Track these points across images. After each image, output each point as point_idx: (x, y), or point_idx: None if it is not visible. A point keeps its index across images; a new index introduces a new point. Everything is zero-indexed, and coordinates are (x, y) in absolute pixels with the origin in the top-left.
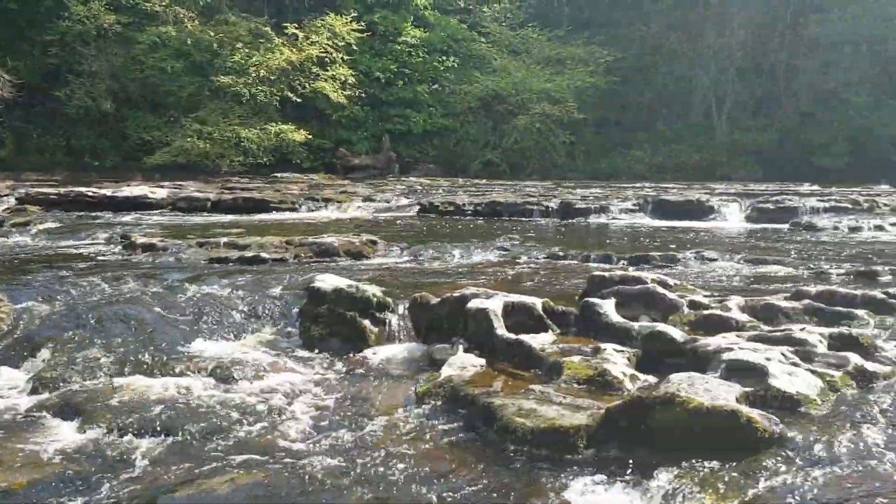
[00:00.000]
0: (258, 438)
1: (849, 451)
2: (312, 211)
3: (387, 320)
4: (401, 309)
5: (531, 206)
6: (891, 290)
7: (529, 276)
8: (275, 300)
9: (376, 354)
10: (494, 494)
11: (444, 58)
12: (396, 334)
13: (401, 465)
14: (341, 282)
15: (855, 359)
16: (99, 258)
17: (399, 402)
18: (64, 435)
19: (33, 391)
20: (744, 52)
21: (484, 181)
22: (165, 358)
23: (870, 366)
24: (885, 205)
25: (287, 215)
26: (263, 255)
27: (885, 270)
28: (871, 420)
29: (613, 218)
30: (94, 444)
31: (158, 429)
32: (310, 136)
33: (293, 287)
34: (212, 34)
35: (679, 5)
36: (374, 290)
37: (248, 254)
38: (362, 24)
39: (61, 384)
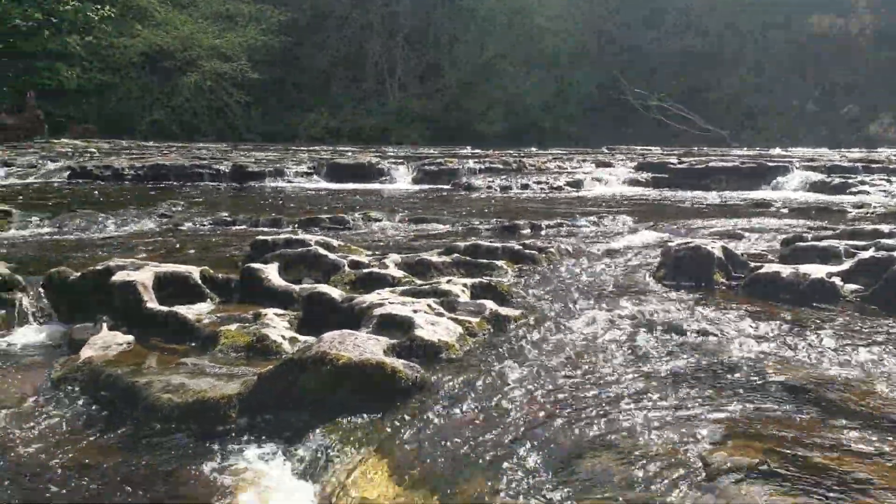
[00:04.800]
0: None
1: (481, 389)
2: None
3: (16, 301)
4: (35, 287)
5: (201, 170)
6: (527, 242)
7: (192, 244)
8: None
9: (4, 340)
10: (139, 478)
11: (99, 7)
12: (30, 316)
13: (29, 463)
14: None
15: (491, 305)
16: None
17: (29, 391)
18: None
19: None
20: (409, 21)
21: (153, 143)
22: None
23: (503, 311)
24: (532, 165)
25: None
26: None
27: (525, 224)
28: (500, 360)
29: (288, 181)
30: None
31: None
32: None
33: None
34: None
35: None
36: None
37: None
38: None
39: None
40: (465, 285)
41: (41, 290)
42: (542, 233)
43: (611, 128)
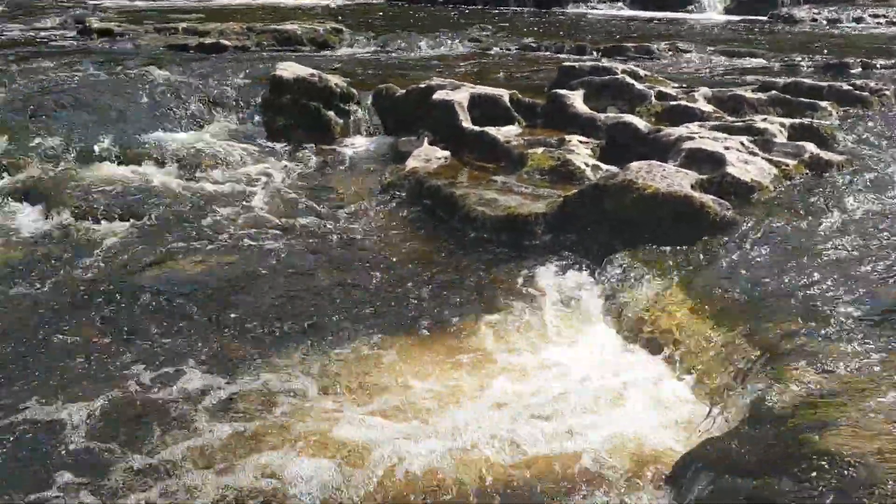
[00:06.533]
0: (225, 224)
1: (791, 233)
2: None
3: (351, 112)
4: (367, 101)
5: None
6: (858, 82)
7: (500, 68)
8: (237, 89)
9: (341, 146)
10: (456, 275)
11: None
12: (361, 127)
13: (365, 251)
14: (304, 71)
15: (811, 148)
16: (53, 43)
17: (364, 192)
18: (29, 220)
19: None
20: None
21: None
22: (128, 146)
23: (825, 155)
24: None
25: (249, 0)
26: (224, 42)
27: (856, 62)
28: (817, 206)
29: (591, 7)
30: (61, 228)
31: (125, 214)
32: None
33: (255, 76)
34: None
35: None
36: (337, 81)
37: (208, 40)
38: None
39: (23, 171)
40: (782, 125)
41: (371, 104)
42: (876, 73)
43: None
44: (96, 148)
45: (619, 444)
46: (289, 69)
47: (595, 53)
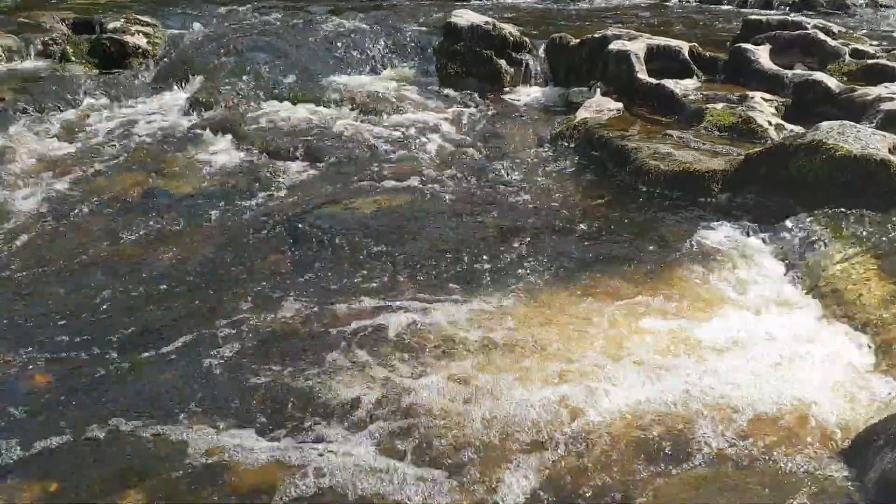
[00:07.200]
0: (398, 167)
1: None
2: None
3: (523, 61)
4: (538, 50)
5: None
6: None
7: (679, 20)
8: (412, 35)
9: (512, 95)
10: (625, 228)
11: None
12: (533, 76)
13: (531, 198)
14: (478, 18)
15: None
16: None
17: (533, 141)
18: (220, 153)
19: (191, 112)
20: None
21: None
22: (309, 88)
23: None
24: None
25: None
26: None
27: None
28: None
29: None
30: (247, 162)
31: (305, 153)
32: None
33: (430, 23)
34: None
35: None
36: (510, 29)
37: None
38: None
39: (216, 107)
40: None
41: (543, 53)
42: None
43: None
44: (280, 89)
45: (796, 410)
46: (464, 16)
47: (784, 8)
